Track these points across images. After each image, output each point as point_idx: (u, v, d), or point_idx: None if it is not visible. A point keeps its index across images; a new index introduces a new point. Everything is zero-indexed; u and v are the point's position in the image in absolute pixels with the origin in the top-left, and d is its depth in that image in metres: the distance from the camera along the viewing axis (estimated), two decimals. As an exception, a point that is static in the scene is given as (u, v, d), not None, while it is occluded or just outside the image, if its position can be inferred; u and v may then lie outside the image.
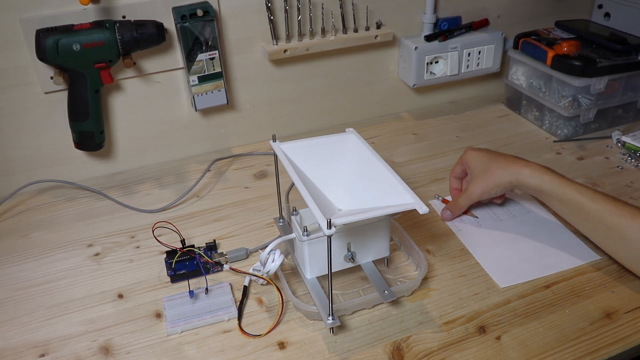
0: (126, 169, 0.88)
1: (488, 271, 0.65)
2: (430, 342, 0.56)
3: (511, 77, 1.01)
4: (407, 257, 0.67)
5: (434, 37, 0.94)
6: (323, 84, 0.95)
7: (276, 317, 0.59)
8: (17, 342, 0.57)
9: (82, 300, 0.63)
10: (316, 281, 0.60)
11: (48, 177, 0.83)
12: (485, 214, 0.75)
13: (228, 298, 0.61)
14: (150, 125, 0.87)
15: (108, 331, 0.58)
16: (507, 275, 0.64)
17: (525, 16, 1.04)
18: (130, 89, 0.83)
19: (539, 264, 0.65)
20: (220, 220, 0.76)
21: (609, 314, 0.58)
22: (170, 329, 0.58)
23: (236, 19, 0.83)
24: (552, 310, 0.59)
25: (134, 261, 0.68)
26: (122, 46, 0.73)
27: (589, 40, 0.93)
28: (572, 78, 0.87)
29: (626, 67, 0.88)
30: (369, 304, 0.60)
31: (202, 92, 0.83)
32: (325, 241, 0.51)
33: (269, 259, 0.59)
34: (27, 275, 0.67)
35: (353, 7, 0.88)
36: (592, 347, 0.55)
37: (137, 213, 0.77)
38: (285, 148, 0.62)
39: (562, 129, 0.93)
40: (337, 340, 0.56)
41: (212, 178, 0.85)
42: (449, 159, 0.89)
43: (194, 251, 0.66)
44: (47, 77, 0.76)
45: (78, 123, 0.77)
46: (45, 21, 0.72)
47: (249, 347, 0.56)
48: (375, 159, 0.61)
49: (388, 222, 0.60)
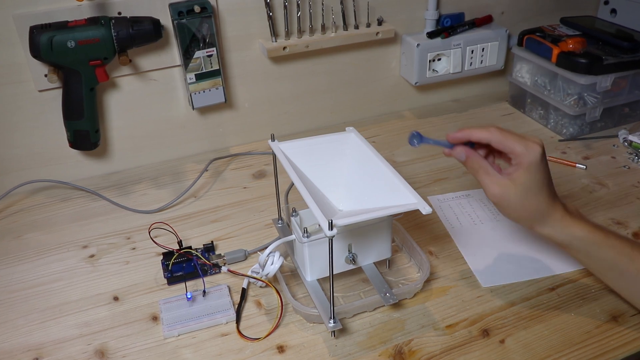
0: (122, 168, 0.88)
1: (473, 270, 0.65)
2: (433, 346, 0.55)
3: (515, 74, 1.00)
4: (409, 258, 0.67)
5: (436, 33, 0.93)
6: (323, 82, 0.94)
7: (275, 320, 0.58)
8: (11, 345, 0.57)
9: (77, 302, 0.62)
10: (317, 283, 0.60)
11: (42, 177, 0.82)
12: (483, 213, 0.74)
13: (226, 301, 0.60)
14: (146, 124, 0.86)
15: (103, 334, 0.58)
16: (492, 275, 0.64)
17: (529, 12, 1.03)
18: (126, 87, 0.82)
19: (528, 267, 0.65)
20: (218, 221, 0.75)
21: (615, 317, 0.58)
22: (166, 332, 0.57)
23: (234, 15, 0.83)
24: (557, 313, 0.59)
25: (129, 263, 0.68)
26: (118, 43, 0.72)
27: (594, 37, 0.93)
28: (578, 76, 0.86)
29: (633, 65, 0.88)
30: (370, 306, 0.59)
31: (199, 90, 0.82)
32: (325, 243, 0.51)
33: (268, 262, 0.59)
34: (20, 277, 0.66)
35: (354, 3, 0.88)
36: (598, 351, 0.54)
37: (133, 214, 0.77)
38: (284, 147, 0.62)
39: (567, 128, 0.92)
40: (338, 343, 0.56)
41: (209, 178, 0.85)
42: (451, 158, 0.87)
43: (191, 253, 0.66)
44: (41, 74, 0.75)
45: (73, 122, 0.76)
46: (39, 17, 0.71)
47: (247, 350, 0.55)
48: (376, 158, 0.61)
49: (390, 223, 0.60)
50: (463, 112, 1.02)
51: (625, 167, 0.84)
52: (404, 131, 0.97)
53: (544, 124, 0.96)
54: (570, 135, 0.92)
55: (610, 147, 0.89)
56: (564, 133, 0.93)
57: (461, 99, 1.07)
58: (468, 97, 1.07)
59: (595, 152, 0.88)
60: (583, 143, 0.91)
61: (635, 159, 0.85)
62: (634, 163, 0.85)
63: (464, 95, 1.07)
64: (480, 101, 1.06)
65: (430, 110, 1.03)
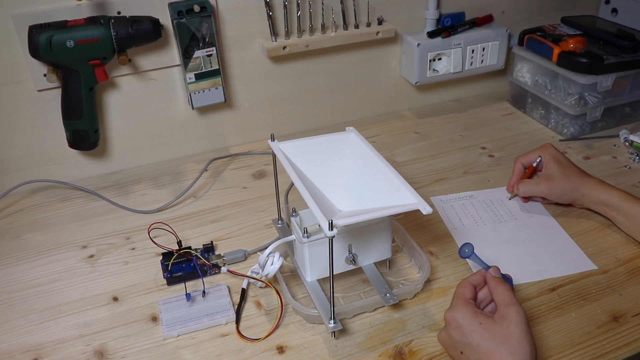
0: (121, 168, 0.87)
1: (473, 271, 0.64)
2: (433, 346, 0.55)
3: (516, 74, 1.00)
4: (409, 259, 0.67)
5: (436, 33, 0.93)
6: (323, 81, 0.94)
7: (275, 320, 0.58)
8: (10, 346, 0.57)
9: (76, 303, 0.62)
10: (317, 284, 0.60)
11: (41, 177, 0.82)
12: (486, 214, 0.74)
13: (226, 301, 0.60)
14: (146, 124, 0.86)
15: (103, 335, 0.58)
16: None
17: (530, 12, 1.03)
18: (125, 87, 0.82)
19: (529, 270, 0.64)
20: (217, 221, 0.75)
21: (616, 318, 0.58)
22: (166, 332, 0.57)
23: (234, 14, 0.83)
24: (558, 313, 0.59)
25: (129, 263, 0.68)
26: (117, 43, 0.72)
27: (595, 37, 0.92)
28: (579, 75, 0.86)
29: (634, 64, 0.87)
30: (370, 307, 0.59)
31: (199, 89, 0.82)
32: (326, 243, 0.51)
33: (268, 262, 0.59)
34: (19, 277, 0.66)
35: (354, 2, 0.88)
36: (599, 352, 0.54)
37: (132, 214, 0.77)
38: (284, 147, 0.62)
39: (568, 128, 0.92)
40: (338, 344, 0.56)
41: (209, 178, 0.85)
42: (452, 158, 0.88)
43: (190, 253, 0.66)
44: (40, 74, 0.75)
45: (72, 121, 0.76)
46: (38, 17, 0.71)
47: (247, 351, 0.55)
48: (376, 158, 0.60)
49: (390, 223, 0.60)
50: (463, 112, 1.02)
51: (626, 167, 0.84)
52: (404, 131, 0.97)
53: (544, 124, 0.96)
54: (571, 135, 0.92)
55: (611, 147, 0.89)
56: (565, 133, 0.93)
57: (462, 99, 1.07)
58: (468, 96, 1.07)
59: (596, 152, 0.88)
60: (584, 143, 0.91)
61: (636, 158, 0.85)
62: (634, 163, 0.84)
63: (464, 95, 1.07)
64: (480, 101, 1.06)
65: (431, 110, 1.03)
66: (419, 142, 0.93)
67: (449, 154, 0.89)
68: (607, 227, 0.70)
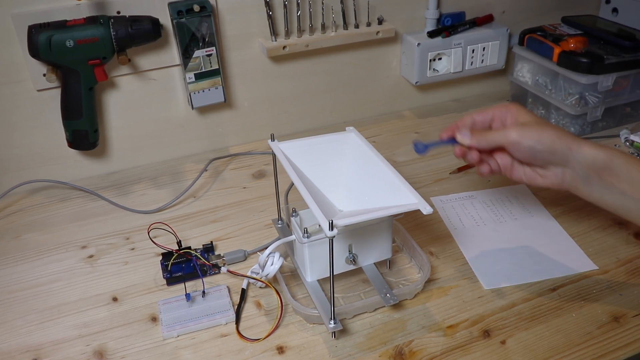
0: (121, 168, 0.87)
1: (475, 271, 0.64)
2: (434, 347, 0.55)
3: (516, 74, 1.00)
4: (409, 259, 0.66)
5: (437, 33, 0.93)
6: (323, 81, 0.94)
7: (275, 320, 0.58)
8: (9, 346, 0.57)
9: (75, 303, 0.62)
10: (317, 284, 0.60)
11: (40, 177, 0.82)
12: (486, 215, 0.74)
13: (225, 301, 0.60)
14: (145, 124, 0.86)
15: (102, 335, 0.58)
16: (493, 277, 0.63)
17: (530, 12, 1.03)
18: (125, 87, 0.82)
19: (530, 270, 0.64)
20: (217, 221, 0.75)
21: (616, 318, 0.58)
22: (166, 333, 0.57)
23: (234, 14, 0.82)
24: (558, 313, 0.58)
25: (128, 263, 0.68)
26: (117, 42, 0.72)
27: (596, 37, 0.92)
28: (579, 75, 0.86)
29: (635, 64, 0.87)
30: (370, 307, 0.59)
31: (198, 89, 0.82)
32: (326, 243, 0.51)
33: (268, 262, 0.59)
34: (19, 277, 0.66)
35: (354, 2, 0.88)
36: (600, 352, 0.54)
37: (132, 214, 0.76)
38: (284, 147, 0.62)
39: (568, 128, 0.92)
40: (338, 344, 0.56)
41: (209, 178, 0.85)
42: (453, 158, 0.87)
43: (190, 253, 0.66)
44: (39, 74, 0.75)
45: (71, 121, 0.76)
46: (38, 17, 0.71)
47: (247, 351, 0.55)
48: (376, 158, 0.60)
49: (390, 223, 0.60)
50: (464, 112, 1.02)
51: (627, 167, 0.84)
52: (404, 131, 0.97)
53: (544, 124, 0.96)
54: (571, 134, 0.92)
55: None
56: (565, 133, 0.93)
57: (462, 99, 1.07)
58: (469, 96, 1.07)
59: (597, 152, 0.88)
60: (584, 143, 0.91)
61: (636, 158, 0.85)
62: (635, 163, 0.84)
63: (464, 95, 1.07)
64: (481, 101, 1.05)
65: (431, 110, 1.03)
66: (419, 142, 0.93)
67: (450, 154, 0.88)
68: (608, 227, 0.70)
